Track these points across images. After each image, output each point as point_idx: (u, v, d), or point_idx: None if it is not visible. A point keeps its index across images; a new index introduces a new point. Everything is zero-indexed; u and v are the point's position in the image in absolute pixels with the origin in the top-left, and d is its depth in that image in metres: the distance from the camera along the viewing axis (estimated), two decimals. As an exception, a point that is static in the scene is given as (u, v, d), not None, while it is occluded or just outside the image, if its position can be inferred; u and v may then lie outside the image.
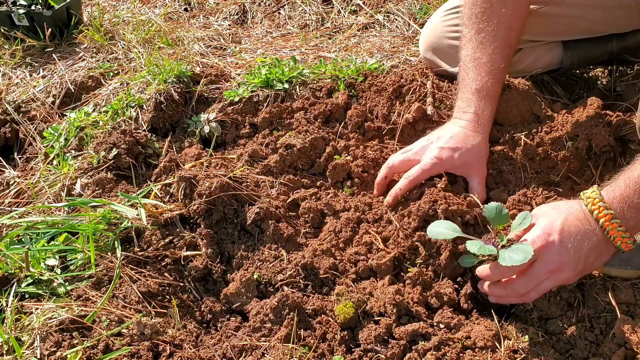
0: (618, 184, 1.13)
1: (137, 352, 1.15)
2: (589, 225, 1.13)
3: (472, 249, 1.15)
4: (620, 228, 1.11)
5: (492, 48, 1.50)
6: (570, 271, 1.14)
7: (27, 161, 1.84)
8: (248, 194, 1.46)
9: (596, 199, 1.13)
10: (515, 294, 1.18)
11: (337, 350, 1.19)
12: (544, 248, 1.13)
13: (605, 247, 1.14)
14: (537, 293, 1.18)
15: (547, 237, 1.13)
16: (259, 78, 1.87)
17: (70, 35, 2.33)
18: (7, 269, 1.30)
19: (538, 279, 1.15)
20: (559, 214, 1.16)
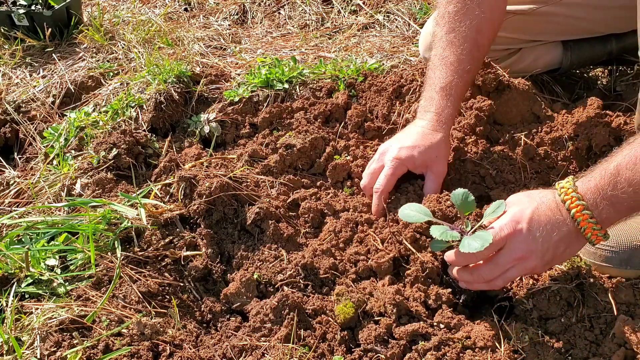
0: (593, 175, 1.11)
1: (137, 352, 1.15)
2: (560, 215, 1.11)
3: (435, 233, 1.15)
4: (591, 220, 1.08)
5: (461, 49, 1.48)
6: (537, 260, 1.13)
7: (27, 161, 1.84)
8: (248, 194, 1.46)
9: (569, 189, 1.11)
10: (481, 280, 1.18)
11: (337, 350, 1.19)
12: (511, 236, 1.12)
13: (575, 238, 1.12)
14: (503, 281, 1.17)
15: (515, 224, 1.12)
16: (259, 78, 1.87)
17: (70, 35, 2.33)
18: (7, 269, 1.30)
19: (504, 266, 1.14)
20: (530, 202, 1.15)
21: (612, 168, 1.08)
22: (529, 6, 1.75)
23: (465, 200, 1.20)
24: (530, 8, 1.74)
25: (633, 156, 1.06)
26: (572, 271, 1.27)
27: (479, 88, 1.70)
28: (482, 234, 1.12)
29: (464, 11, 1.48)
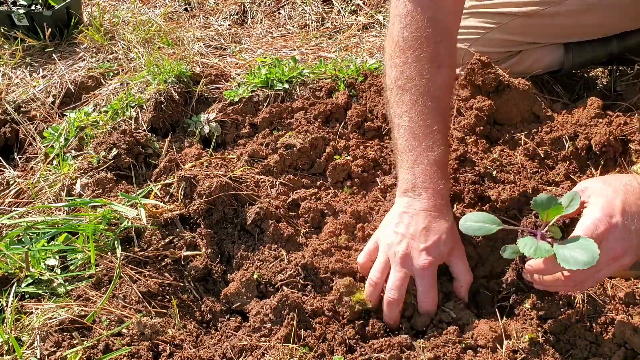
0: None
1: (137, 352, 1.15)
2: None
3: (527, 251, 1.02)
4: None
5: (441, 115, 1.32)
6: (631, 256, 1.02)
7: (27, 161, 1.84)
8: (248, 194, 1.46)
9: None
10: (571, 284, 1.07)
11: (337, 350, 1.19)
12: (607, 232, 1.00)
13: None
14: (594, 282, 1.07)
15: (609, 219, 1.00)
16: (259, 78, 1.87)
17: (70, 35, 2.33)
18: (7, 269, 1.30)
19: (598, 267, 1.01)
20: (615, 192, 1.03)
21: None
22: (530, 8, 1.75)
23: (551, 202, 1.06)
24: (532, 10, 1.74)
25: None
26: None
27: (479, 88, 1.71)
28: (585, 244, 0.98)
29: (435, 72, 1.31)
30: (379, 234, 1.29)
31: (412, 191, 1.27)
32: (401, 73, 1.33)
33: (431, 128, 1.28)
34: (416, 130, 1.29)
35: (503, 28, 1.78)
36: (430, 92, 1.30)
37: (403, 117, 1.31)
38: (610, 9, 1.72)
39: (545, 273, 1.09)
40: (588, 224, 1.02)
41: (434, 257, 1.20)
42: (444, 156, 1.29)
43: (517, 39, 1.81)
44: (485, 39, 1.80)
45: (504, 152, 1.60)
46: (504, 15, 1.78)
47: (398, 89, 1.33)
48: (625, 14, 1.75)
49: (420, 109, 1.29)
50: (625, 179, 1.06)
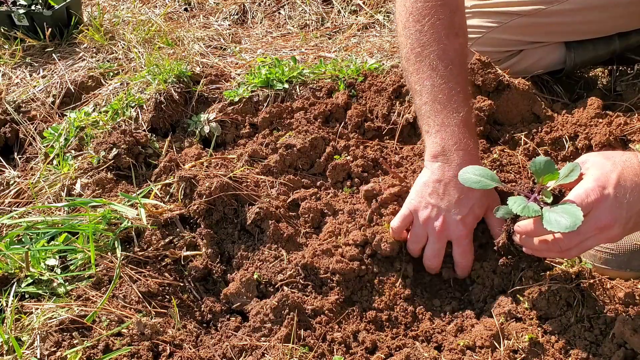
0: None
1: (137, 352, 1.15)
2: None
3: (515, 208, 1.05)
4: None
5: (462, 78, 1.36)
6: (619, 230, 1.04)
7: (27, 161, 1.84)
8: (248, 194, 1.46)
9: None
10: (556, 249, 1.10)
11: (337, 350, 1.19)
12: (597, 202, 1.03)
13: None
14: (579, 250, 1.10)
15: (601, 190, 1.03)
16: (259, 78, 1.87)
17: (70, 35, 2.33)
18: (7, 269, 1.30)
19: (585, 235, 1.05)
20: (613, 165, 1.06)
21: None
22: (531, 7, 1.75)
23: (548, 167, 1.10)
24: (533, 9, 1.74)
25: None
26: (572, 271, 1.27)
27: (479, 88, 1.70)
28: (571, 209, 1.01)
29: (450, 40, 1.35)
30: (413, 203, 1.32)
31: (443, 155, 1.29)
32: (417, 41, 1.35)
33: (454, 90, 1.31)
34: (439, 94, 1.31)
35: (504, 27, 1.78)
36: (449, 56, 1.33)
37: (425, 82, 1.34)
38: (612, 8, 1.72)
39: (532, 235, 1.13)
40: (580, 192, 1.05)
41: (471, 225, 1.28)
42: (469, 117, 1.32)
43: (518, 39, 1.81)
44: (486, 39, 1.80)
45: (504, 152, 1.60)
46: (505, 15, 1.78)
47: (416, 57, 1.36)
48: (627, 13, 1.74)
49: (441, 73, 1.32)
50: (626, 155, 1.08)
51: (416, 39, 1.36)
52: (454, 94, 1.31)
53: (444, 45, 1.33)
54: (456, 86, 1.32)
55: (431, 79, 1.33)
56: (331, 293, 1.29)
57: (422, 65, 1.34)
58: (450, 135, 1.29)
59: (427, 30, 1.35)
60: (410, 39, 1.37)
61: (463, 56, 1.37)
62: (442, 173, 1.29)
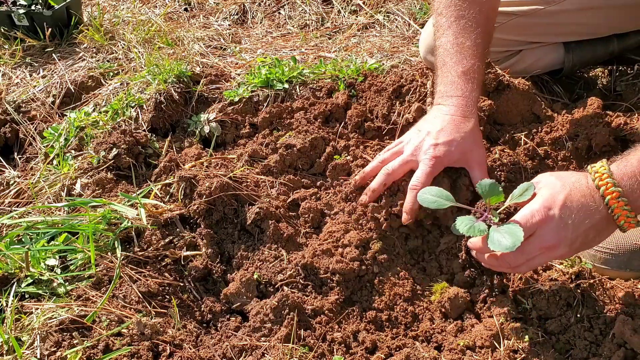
0: (630, 161, 1.06)
1: (137, 352, 1.15)
2: (593, 201, 1.07)
3: (461, 228, 1.11)
4: (626, 207, 1.05)
5: (476, 33, 1.44)
6: (565, 249, 1.09)
7: (27, 161, 1.84)
8: (248, 194, 1.46)
9: (604, 174, 1.06)
10: (506, 265, 1.15)
11: (337, 350, 1.19)
12: (542, 223, 1.08)
13: (606, 225, 1.09)
14: (528, 267, 1.14)
15: (546, 211, 1.08)
16: (259, 78, 1.87)
17: (70, 35, 2.33)
18: (7, 269, 1.30)
19: (531, 254, 1.11)
20: (562, 187, 1.10)
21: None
22: (529, 7, 1.75)
23: (493, 189, 1.15)
24: (531, 9, 1.74)
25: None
26: (572, 271, 1.27)
27: (479, 88, 1.70)
28: (513, 229, 1.06)
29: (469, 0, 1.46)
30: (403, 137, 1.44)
31: (441, 99, 1.41)
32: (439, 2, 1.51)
33: (463, 45, 1.43)
34: (449, 48, 1.45)
35: (502, 27, 1.78)
36: (465, 15, 1.45)
37: (441, 38, 1.48)
38: (610, 9, 1.72)
39: (481, 252, 1.18)
40: (526, 212, 1.09)
41: (440, 154, 1.33)
42: (472, 68, 1.41)
43: (516, 38, 1.81)
44: None
45: (504, 152, 1.60)
46: (503, 15, 1.77)
47: (437, 16, 1.51)
48: (625, 14, 1.74)
49: (454, 29, 1.46)
50: (576, 176, 1.12)
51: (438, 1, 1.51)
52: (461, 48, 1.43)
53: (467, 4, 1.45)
54: (465, 41, 1.43)
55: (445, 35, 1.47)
56: (331, 293, 1.29)
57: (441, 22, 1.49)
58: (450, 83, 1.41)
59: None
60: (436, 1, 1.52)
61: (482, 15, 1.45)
62: (437, 110, 1.41)
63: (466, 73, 1.41)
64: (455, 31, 1.46)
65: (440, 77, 1.45)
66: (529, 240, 1.09)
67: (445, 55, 1.45)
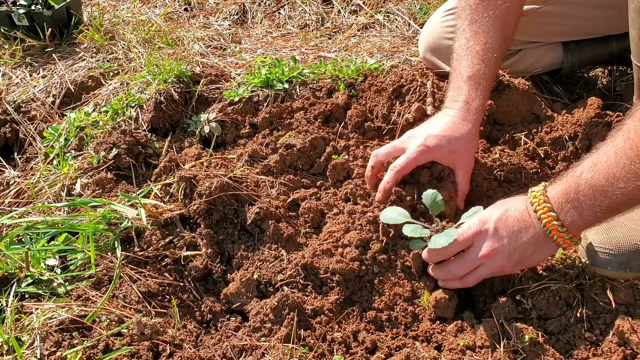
0: (561, 179, 1.15)
1: (137, 352, 1.15)
2: (528, 217, 1.16)
3: (407, 231, 1.23)
4: (557, 222, 1.12)
5: (487, 37, 1.46)
6: (503, 259, 1.17)
7: (27, 161, 1.84)
8: (248, 194, 1.46)
9: (539, 193, 1.15)
10: (451, 276, 1.23)
11: (337, 350, 1.19)
12: (478, 234, 1.19)
13: (544, 241, 1.15)
14: (474, 278, 1.22)
15: (482, 225, 1.19)
16: (259, 78, 1.87)
17: (70, 35, 2.33)
18: (7, 269, 1.30)
19: (472, 262, 1.20)
20: (502, 206, 1.21)
21: (577, 172, 1.11)
22: (528, 7, 1.75)
23: (434, 201, 1.29)
24: (529, 9, 1.74)
25: (594, 160, 1.09)
26: (572, 271, 1.27)
27: (479, 88, 1.70)
28: (448, 231, 1.21)
29: (486, 2, 1.47)
30: None
31: (448, 103, 1.46)
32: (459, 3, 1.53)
33: (472, 49, 1.46)
34: (460, 52, 1.48)
35: None
36: (479, 19, 1.47)
37: (456, 41, 1.51)
38: (607, 10, 1.72)
39: (430, 260, 1.27)
40: (463, 226, 1.22)
41: (430, 144, 1.37)
42: (478, 73, 1.44)
43: (516, 38, 1.81)
44: None
45: (504, 152, 1.60)
46: None
47: (456, 18, 1.54)
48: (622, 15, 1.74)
49: (467, 33, 1.48)
50: (517, 198, 1.22)
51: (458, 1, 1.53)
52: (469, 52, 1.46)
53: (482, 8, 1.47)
54: (475, 45, 1.46)
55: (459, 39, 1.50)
56: (331, 293, 1.29)
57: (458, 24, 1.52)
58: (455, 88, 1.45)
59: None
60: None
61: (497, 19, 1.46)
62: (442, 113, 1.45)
63: (472, 78, 1.44)
64: (467, 35, 1.49)
65: (450, 82, 1.49)
66: (468, 249, 1.21)
67: (456, 59, 1.49)
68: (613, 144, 1.07)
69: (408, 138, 1.43)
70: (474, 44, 1.47)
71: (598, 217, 1.11)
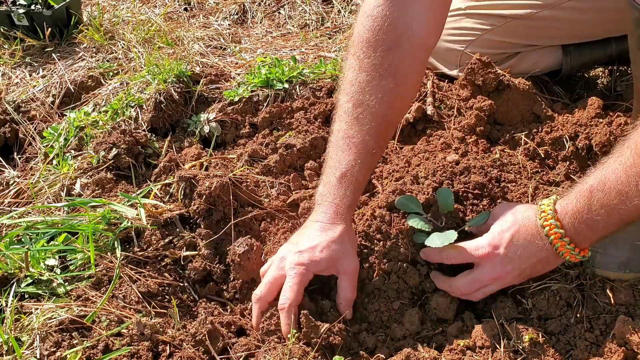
0: (570, 198, 1.13)
1: (137, 352, 1.15)
2: (539, 240, 1.15)
3: (409, 221, 1.27)
4: (570, 246, 1.13)
5: (368, 127, 1.28)
6: (514, 278, 1.20)
7: (26, 161, 1.84)
8: (248, 194, 1.46)
9: (549, 215, 1.14)
10: (458, 293, 1.23)
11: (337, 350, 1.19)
12: (488, 257, 1.18)
13: (554, 259, 1.18)
14: (483, 294, 1.23)
15: (492, 249, 1.18)
16: (259, 78, 1.87)
17: (70, 35, 2.33)
18: (7, 269, 1.30)
19: (481, 283, 1.20)
20: (513, 223, 1.19)
21: (586, 190, 1.10)
22: (525, 11, 1.75)
23: (446, 200, 1.31)
24: (526, 13, 1.74)
25: (603, 177, 1.08)
26: (572, 272, 1.27)
27: (479, 88, 1.70)
28: (448, 233, 1.21)
29: (375, 82, 1.28)
30: None
31: (317, 203, 1.30)
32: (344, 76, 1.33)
33: (351, 139, 1.28)
34: (339, 141, 1.30)
35: (498, 30, 1.78)
36: (364, 103, 1.28)
37: (336, 122, 1.33)
38: (606, 13, 1.71)
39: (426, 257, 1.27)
40: (473, 244, 1.21)
41: (305, 261, 1.21)
42: (352, 170, 1.27)
43: (513, 41, 1.81)
44: (481, 41, 1.79)
45: (504, 152, 1.60)
46: (499, 17, 1.77)
47: (339, 93, 1.35)
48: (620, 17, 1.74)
49: (349, 117, 1.29)
50: (527, 212, 1.19)
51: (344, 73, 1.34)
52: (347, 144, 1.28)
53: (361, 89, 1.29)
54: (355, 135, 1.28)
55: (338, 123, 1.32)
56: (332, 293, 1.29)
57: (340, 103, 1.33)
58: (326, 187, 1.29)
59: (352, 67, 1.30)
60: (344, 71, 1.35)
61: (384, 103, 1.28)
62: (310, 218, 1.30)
63: (344, 175, 1.27)
64: (349, 120, 1.29)
65: (323, 174, 1.32)
66: (478, 269, 1.20)
67: (332, 147, 1.32)
68: (621, 161, 1.06)
69: (280, 260, 1.25)
70: (354, 133, 1.28)
71: (610, 232, 1.12)
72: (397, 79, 1.28)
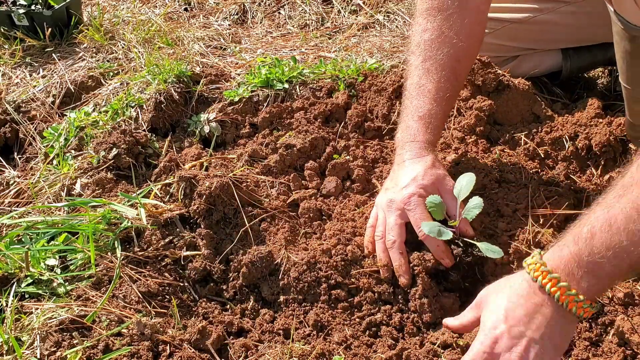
0: (565, 243, 1.00)
1: (137, 352, 1.15)
2: (536, 297, 1.00)
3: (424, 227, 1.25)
4: (571, 292, 0.97)
5: (439, 76, 1.39)
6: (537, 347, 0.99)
7: (27, 161, 1.84)
8: (248, 194, 1.46)
9: (538, 264, 1.01)
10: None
11: (337, 350, 1.19)
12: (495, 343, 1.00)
13: (563, 318, 1.00)
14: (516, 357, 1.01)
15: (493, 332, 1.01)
16: (259, 78, 1.87)
17: (70, 35, 2.33)
18: (7, 269, 1.30)
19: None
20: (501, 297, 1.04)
21: (586, 232, 0.97)
22: (524, 15, 1.75)
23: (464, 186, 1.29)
24: (525, 17, 1.74)
25: (608, 217, 0.96)
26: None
27: (479, 88, 1.70)
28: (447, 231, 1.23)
29: (441, 39, 1.40)
30: None
31: (399, 147, 1.40)
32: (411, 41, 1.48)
33: (424, 88, 1.40)
34: (412, 91, 1.42)
35: (496, 33, 1.78)
36: (432, 56, 1.41)
37: (407, 79, 1.45)
38: (603, 18, 1.72)
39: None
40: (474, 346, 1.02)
41: (414, 191, 1.30)
42: (429, 113, 1.38)
43: (512, 45, 1.81)
44: None
45: (504, 152, 1.60)
46: (497, 21, 1.78)
47: (409, 54, 1.48)
48: None
49: (419, 71, 1.42)
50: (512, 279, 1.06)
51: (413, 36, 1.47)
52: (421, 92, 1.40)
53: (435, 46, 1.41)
54: (427, 84, 1.40)
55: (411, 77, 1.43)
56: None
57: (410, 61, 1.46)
58: (407, 130, 1.39)
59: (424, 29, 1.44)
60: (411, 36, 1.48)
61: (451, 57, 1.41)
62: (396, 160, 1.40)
63: (422, 118, 1.38)
64: (419, 73, 1.41)
65: (400, 122, 1.42)
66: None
67: (407, 98, 1.42)
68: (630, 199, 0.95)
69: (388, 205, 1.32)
70: (425, 82, 1.40)
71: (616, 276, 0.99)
72: (460, 36, 1.41)
